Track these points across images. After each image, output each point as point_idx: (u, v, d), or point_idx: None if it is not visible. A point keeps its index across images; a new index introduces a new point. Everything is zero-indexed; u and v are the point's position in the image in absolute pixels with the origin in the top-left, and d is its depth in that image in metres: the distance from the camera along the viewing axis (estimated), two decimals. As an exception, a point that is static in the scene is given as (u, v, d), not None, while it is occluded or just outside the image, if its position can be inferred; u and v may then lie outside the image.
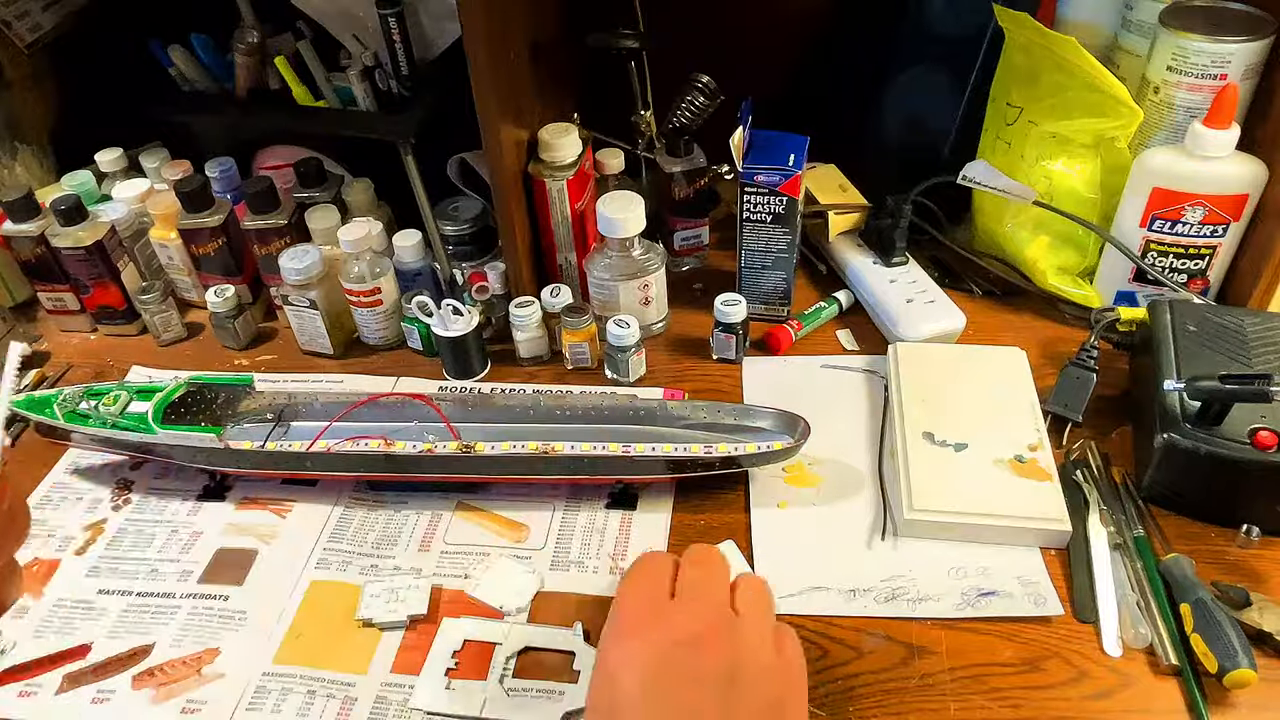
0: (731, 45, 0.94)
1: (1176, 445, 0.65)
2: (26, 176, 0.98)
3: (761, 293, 0.88)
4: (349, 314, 0.89)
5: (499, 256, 0.90)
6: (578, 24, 0.89)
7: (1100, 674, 0.59)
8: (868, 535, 0.69)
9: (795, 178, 0.80)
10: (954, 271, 0.93)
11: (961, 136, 0.92)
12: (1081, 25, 0.83)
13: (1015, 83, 0.84)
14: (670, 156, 0.92)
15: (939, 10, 0.87)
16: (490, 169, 0.80)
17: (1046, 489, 0.67)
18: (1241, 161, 0.76)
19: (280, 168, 0.99)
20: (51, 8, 0.97)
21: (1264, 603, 0.59)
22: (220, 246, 0.90)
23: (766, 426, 0.74)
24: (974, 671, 0.59)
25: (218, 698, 0.60)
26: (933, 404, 0.74)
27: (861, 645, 0.61)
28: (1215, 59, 0.74)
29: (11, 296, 0.97)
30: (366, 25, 0.88)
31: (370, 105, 0.89)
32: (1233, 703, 0.56)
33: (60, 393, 0.76)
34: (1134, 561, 0.64)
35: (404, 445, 0.71)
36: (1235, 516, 0.66)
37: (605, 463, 0.70)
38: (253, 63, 0.89)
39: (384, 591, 0.66)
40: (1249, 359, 0.69)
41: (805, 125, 0.85)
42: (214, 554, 0.71)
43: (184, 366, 0.89)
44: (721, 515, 0.71)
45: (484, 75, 0.73)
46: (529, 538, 0.70)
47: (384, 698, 0.60)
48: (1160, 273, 0.81)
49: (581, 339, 0.84)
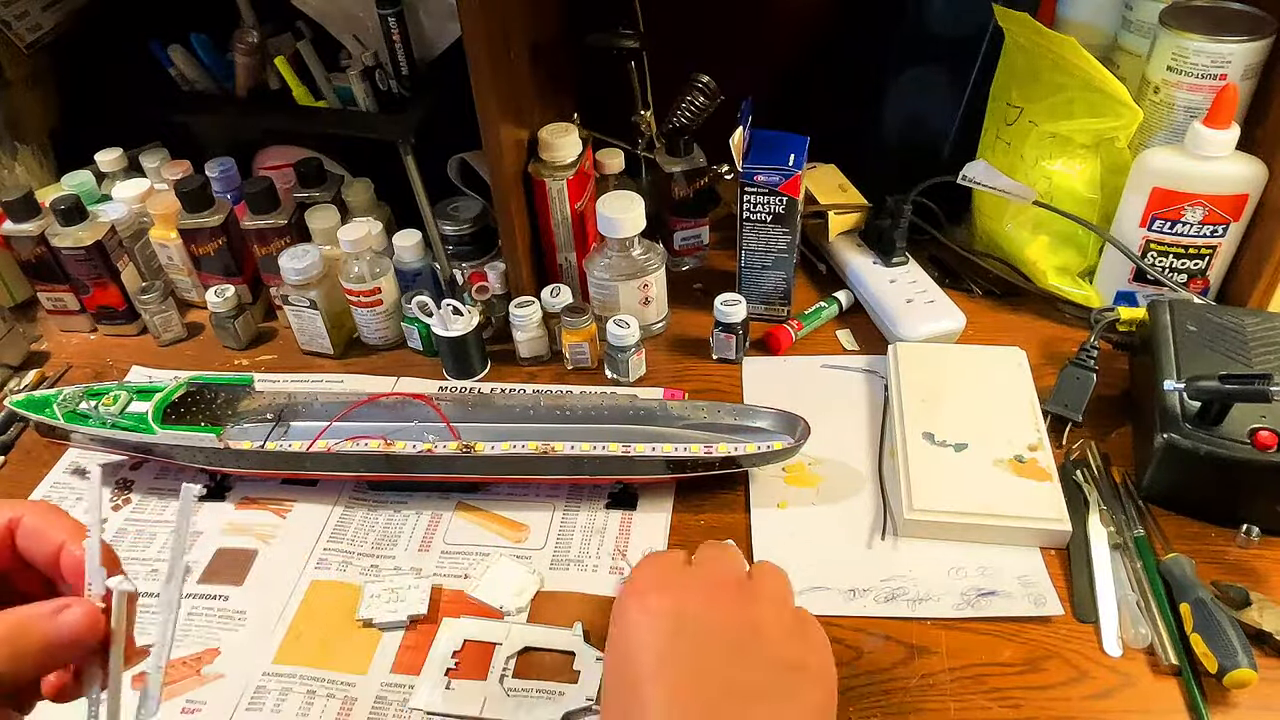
0: (731, 45, 0.94)
1: (1176, 445, 0.65)
2: (26, 176, 0.98)
3: (761, 293, 0.88)
4: (349, 314, 0.89)
5: (499, 256, 0.90)
6: (578, 24, 0.89)
7: (1100, 674, 0.59)
8: (868, 535, 0.69)
9: (795, 178, 0.80)
10: (954, 271, 0.93)
11: (961, 136, 0.92)
12: (1081, 25, 0.83)
13: (1015, 83, 0.84)
14: (670, 156, 0.92)
15: (939, 10, 0.87)
16: (490, 169, 0.80)
17: (1046, 489, 0.67)
18: (1241, 161, 0.76)
19: (280, 168, 0.98)
20: (51, 8, 0.97)
21: (1264, 602, 0.59)
22: (220, 246, 0.90)
23: (766, 426, 0.74)
24: (974, 671, 0.59)
25: (217, 698, 0.60)
26: (933, 404, 0.74)
27: (861, 645, 0.61)
28: (1215, 59, 0.74)
29: (11, 296, 0.97)
30: (366, 25, 0.88)
31: (370, 105, 0.89)
32: (1233, 703, 0.56)
33: (60, 393, 0.76)
34: (1134, 561, 0.64)
35: (404, 445, 0.71)
36: (1235, 516, 0.66)
37: (605, 463, 0.70)
38: (253, 63, 0.89)
39: (384, 591, 0.66)
40: (1249, 359, 0.69)
41: (805, 125, 0.85)
42: (214, 554, 0.71)
43: (184, 366, 0.89)
44: (721, 515, 0.71)
45: (484, 75, 0.73)
46: (529, 538, 0.70)
47: (384, 698, 0.60)
48: (1160, 273, 0.81)
49: (581, 339, 0.84)
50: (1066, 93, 0.80)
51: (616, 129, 0.93)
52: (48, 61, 0.99)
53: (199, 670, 0.62)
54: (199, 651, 0.63)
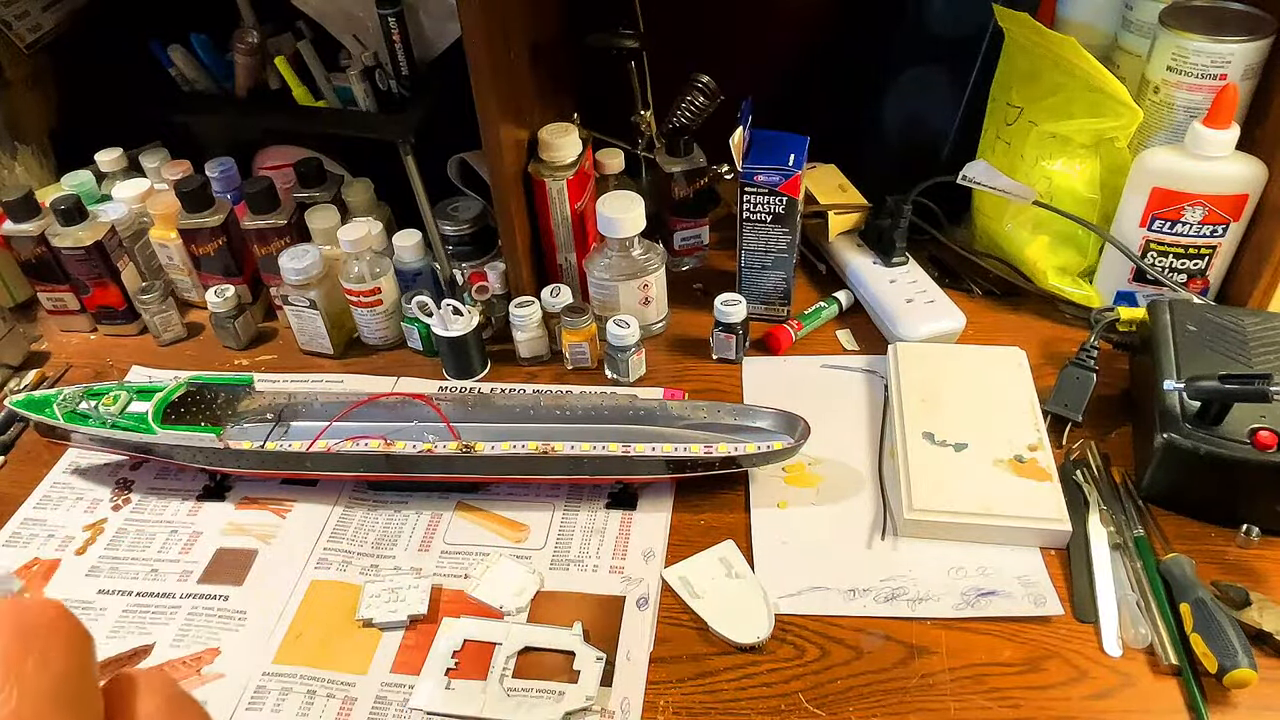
0: (731, 45, 0.94)
1: (1176, 445, 0.65)
2: (26, 176, 0.98)
3: (761, 293, 0.88)
4: (349, 314, 0.89)
5: (499, 256, 0.90)
6: (578, 24, 0.89)
7: (1100, 674, 0.59)
8: (868, 535, 0.68)
9: (795, 178, 0.80)
10: (954, 271, 0.93)
11: (961, 136, 0.92)
12: (1081, 25, 0.83)
13: (1015, 83, 0.84)
14: (670, 156, 0.92)
15: (939, 10, 0.87)
16: (490, 169, 0.80)
17: (1046, 489, 0.67)
18: (1241, 161, 0.76)
19: (280, 168, 0.98)
20: (51, 8, 0.97)
21: (1264, 602, 0.59)
22: (220, 246, 0.90)
23: (766, 426, 0.74)
24: (974, 671, 0.59)
25: (218, 697, 0.60)
26: (933, 404, 0.74)
27: (861, 645, 0.61)
28: (1215, 59, 0.74)
29: (11, 296, 0.97)
30: (366, 25, 0.88)
31: (370, 105, 0.89)
32: (1233, 702, 0.56)
33: (60, 393, 0.76)
34: (1134, 561, 0.64)
35: (404, 445, 0.71)
36: (1235, 516, 0.66)
37: (605, 463, 0.70)
38: (253, 63, 0.89)
39: (384, 591, 0.66)
40: (1249, 359, 0.69)
41: (805, 125, 0.85)
42: (214, 554, 0.71)
43: (184, 366, 0.89)
44: (721, 515, 0.71)
45: (484, 75, 0.73)
46: (529, 538, 0.70)
47: (384, 698, 0.60)
48: (1160, 273, 0.81)
49: (581, 339, 0.84)
50: (1066, 93, 0.80)
51: (616, 129, 0.93)
52: (48, 61, 0.99)
53: (199, 670, 0.62)
54: (199, 651, 0.63)
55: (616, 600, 0.65)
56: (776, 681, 0.60)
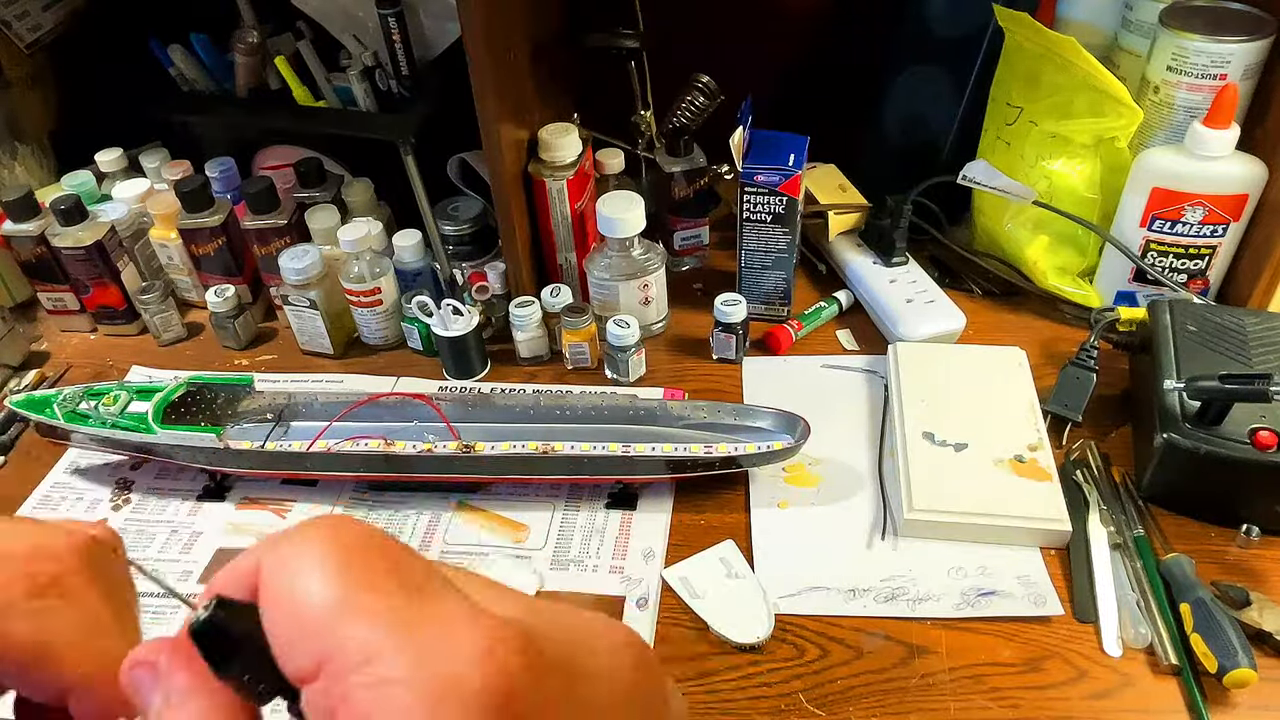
0: (731, 45, 0.94)
1: (1176, 445, 0.65)
2: (26, 176, 0.98)
3: (761, 293, 0.88)
4: (349, 314, 0.89)
5: (499, 256, 0.90)
6: (578, 24, 0.89)
7: (1100, 674, 0.59)
8: (868, 535, 0.69)
9: (795, 178, 0.80)
10: (954, 271, 0.93)
11: (961, 136, 0.92)
12: (1081, 25, 0.83)
13: (1015, 83, 0.84)
14: (670, 156, 0.92)
15: (939, 10, 0.87)
16: (490, 169, 0.80)
17: (1046, 489, 0.67)
18: (1241, 161, 0.76)
19: (280, 168, 0.98)
20: (51, 8, 0.97)
21: (1264, 602, 0.59)
22: (220, 246, 0.90)
23: (766, 426, 0.74)
24: (974, 671, 0.59)
25: (218, 698, 0.60)
26: (933, 404, 0.74)
27: (861, 645, 0.61)
28: (1215, 59, 0.74)
29: (11, 296, 0.97)
30: (366, 25, 0.88)
31: (370, 105, 0.89)
32: (1233, 702, 0.56)
33: (60, 393, 0.76)
34: (1134, 561, 0.64)
35: (404, 445, 0.71)
36: (1235, 516, 0.66)
37: (605, 463, 0.70)
38: (253, 63, 0.89)
39: (384, 591, 0.66)
40: (1249, 359, 0.69)
41: (805, 125, 0.85)
42: (214, 554, 0.71)
43: (184, 366, 0.89)
44: (721, 515, 0.71)
45: (484, 75, 0.73)
46: (529, 538, 0.70)
47: (384, 698, 0.60)
48: (1160, 273, 0.81)
49: (581, 339, 0.84)
50: (1066, 93, 0.80)
51: (616, 129, 0.93)
52: (48, 61, 0.99)
53: (199, 670, 0.62)
54: (199, 651, 0.63)
55: (616, 600, 0.65)
56: (776, 681, 0.60)
